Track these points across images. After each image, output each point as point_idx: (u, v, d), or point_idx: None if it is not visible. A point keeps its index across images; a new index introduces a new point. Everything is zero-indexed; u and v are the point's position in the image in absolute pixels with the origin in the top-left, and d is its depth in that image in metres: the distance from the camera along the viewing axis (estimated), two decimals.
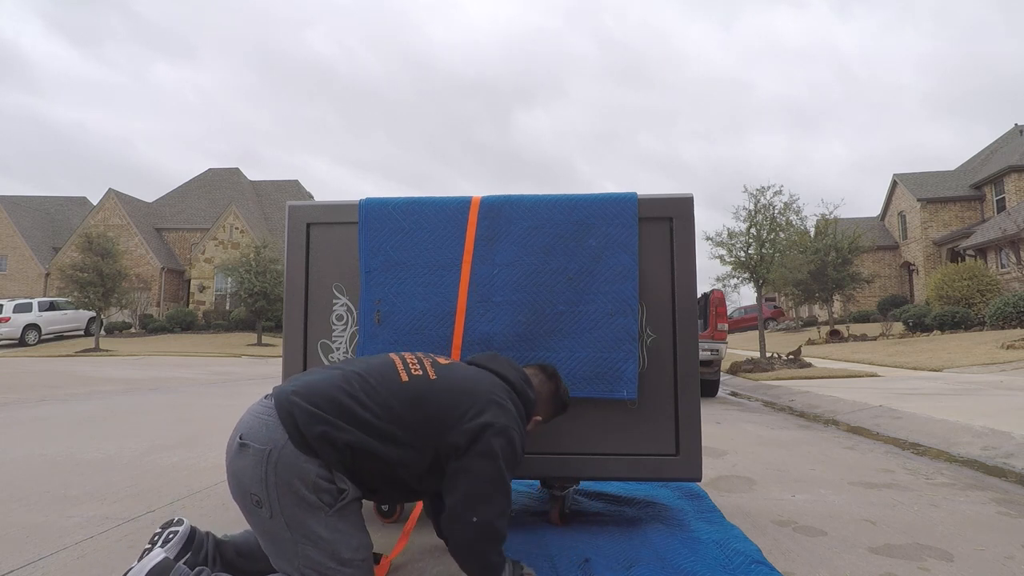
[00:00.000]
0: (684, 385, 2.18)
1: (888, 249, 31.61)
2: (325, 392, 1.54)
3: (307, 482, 1.45)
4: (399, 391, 1.58)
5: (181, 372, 11.46)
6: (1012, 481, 3.13)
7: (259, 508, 1.45)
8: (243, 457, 1.47)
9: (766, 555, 1.98)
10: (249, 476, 1.45)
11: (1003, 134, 31.31)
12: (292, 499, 1.44)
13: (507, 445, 1.59)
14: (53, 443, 4.06)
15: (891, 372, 10.11)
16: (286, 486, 1.44)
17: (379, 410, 1.53)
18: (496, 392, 1.68)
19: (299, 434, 1.46)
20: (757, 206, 12.82)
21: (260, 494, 1.44)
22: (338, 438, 1.48)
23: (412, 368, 1.65)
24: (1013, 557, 2.02)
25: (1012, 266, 19.25)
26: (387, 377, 1.61)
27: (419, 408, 1.57)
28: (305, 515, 1.45)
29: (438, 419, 1.57)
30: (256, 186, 39.18)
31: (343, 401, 1.52)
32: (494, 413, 1.60)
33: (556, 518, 2.28)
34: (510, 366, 1.83)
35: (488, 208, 2.27)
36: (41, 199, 38.73)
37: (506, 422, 1.62)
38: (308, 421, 1.47)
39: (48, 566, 1.89)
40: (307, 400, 1.51)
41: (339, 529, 1.48)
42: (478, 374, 1.74)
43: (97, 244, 21.67)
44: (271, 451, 1.45)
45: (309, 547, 1.45)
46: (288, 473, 1.44)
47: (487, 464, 1.56)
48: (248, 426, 1.50)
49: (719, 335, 7.26)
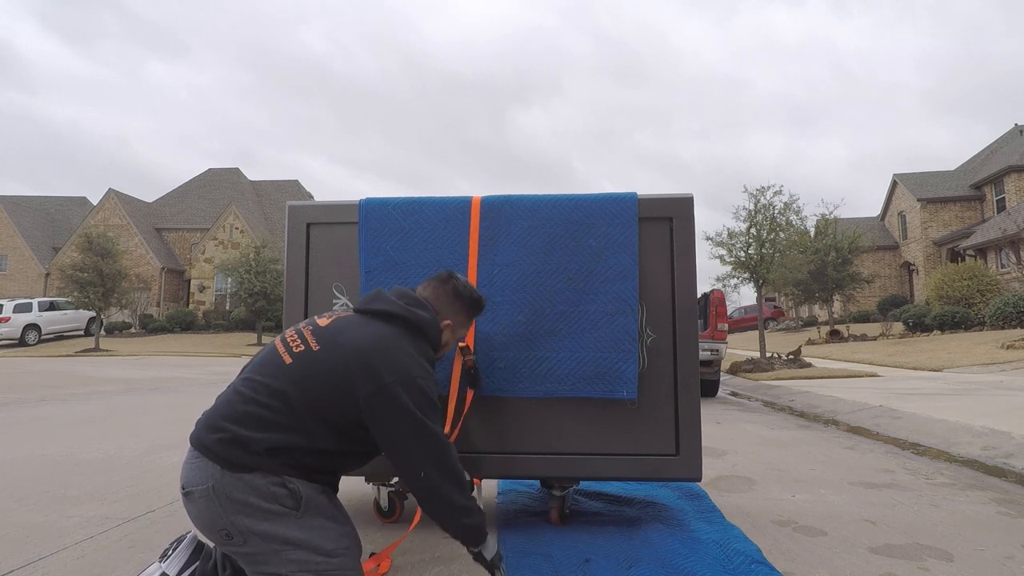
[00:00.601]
0: (684, 385, 2.18)
1: (888, 249, 31.61)
2: (223, 412, 1.51)
3: (262, 494, 1.44)
4: (286, 375, 1.53)
5: (181, 372, 11.46)
6: (1012, 481, 3.13)
7: (231, 540, 1.45)
8: (194, 503, 1.46)
9: (766, 555, 1.98)
10: (208, 516, 1.45)
11: (1003, 134, 31.30)
12: (256, 516, 1.43)
13: (415, 394, 1.52)
14: (53, 443, 4.06)
15: (891, 372, 10.11)
16: (244, 507, 1.43)
17: (277, 404, 1.50)
18: (383, 340, 1.59)
19: (225, 460, 1.45)
20: (757, 206, 12.81)
21: (225, 527, 1.44)
22: (258, 446, 1.45)
23: (294, 346, 1.58)
24: (1013, 557, 2.02)
25: (1012, 266, 19.25)
26: (272, 365, 1.56)
27: (312, 387, 1.51)
28: (275, 526, 1.44)
29: (336, 391, 1.51)
30: (256, 186, 39.18)
31: (242, 410, 1.49)
32: (388, 367, 1.52)
33: (556, 518, 2.28)
34: (394, 297, 1.72)
35: (488, 208, 2.27)
36: (41, 199, 38.73)
37: (403, 370, 1.53)
38: (222, 447, 1.46)
39: (48, 566, 1.89)
40: (212, 428, 1.49)
41: (313, 527, 1.47)
42: (360, 325, 1.63)
43: (97, 244, 21.67)
44: (213, 485, 1.43)
45: (291, 551, 1.44)
46: (240, 494, 1.43)
47: (403, 421, 1.51)
48: (186, 476, 1.49)
49: (719, 335, 7.26)
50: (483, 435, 2.17)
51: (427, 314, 1.72)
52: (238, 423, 1.47)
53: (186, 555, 1.53)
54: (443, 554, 1.98)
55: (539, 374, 2.15)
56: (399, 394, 1.50)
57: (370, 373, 1.51)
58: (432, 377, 1.63)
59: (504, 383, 2.16)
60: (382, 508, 2.35)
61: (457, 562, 1.92)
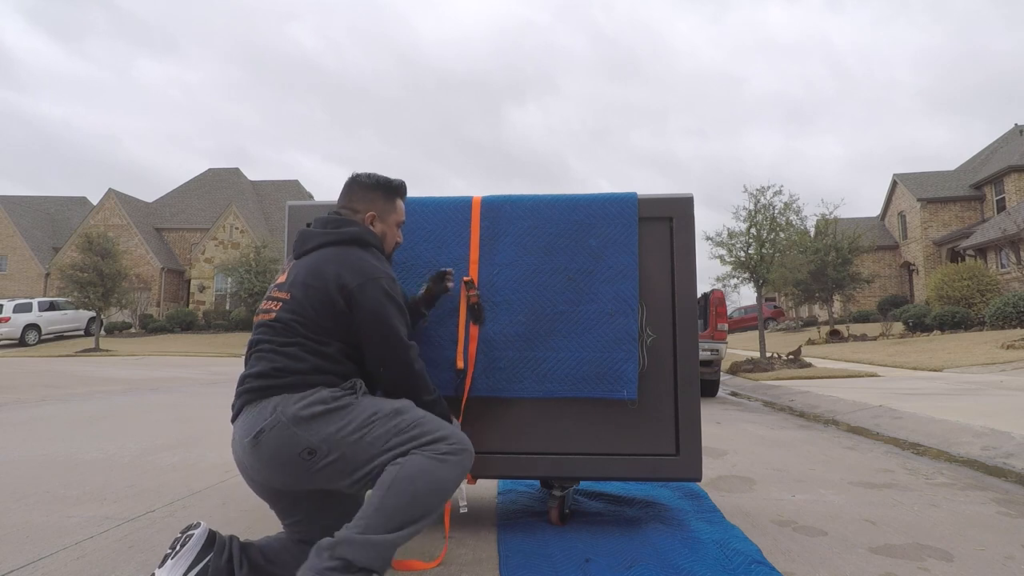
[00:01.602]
0: (684, 385, 2.18)
1: (888, 249, 31.61)
2: (259, 371, 1.60)
3: (325, 400, 1.54)
4: (281, 323, 1.63)
5: (181, 372, 11.46)
6: (1012, 481, 3.13)
7: (315, 456, 1.50)
8: (265, 443, 1.50)
9: (766, 555, 1.98)
10: (287, 447, 1.49)
11: (1003, 134, 31.30)
12: (330, 419, 1.52)
13: (377, 293, 1.64)
14: (53, 443, 4.06)
15: (891, 372, 10.11)
16: (316, 417, 1.51)
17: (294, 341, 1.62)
18: (336, 258, 1.69)
19: (284, 388, 1.55)
20: (757, 206, 12.81)
21: (307, 445, 1.49)
22: (305, 368, 1.58)
23: (273, 307, 1.68)
24: (1013, 557, 2.02)
25: (1012, 266, 19.25)
26: (266, 328, 1.66)
27: (307, 320, 1.62)
28: (348, 415, 1.54)
29: (327, 311, 1.63)
30: (256, 186, 39.19)
31: (274, 364, 1.59)
32: (350, 275, 1.64)
33: (556, 518, 2.28)
34: (319, 228, 1.80)
35: (488, 208, 2.27)
36: (41, 199, 38.73)
37: (363, 273, 1.65)
38: (276, 381, 1.56)
39: (48, 566, 1.89)
40: (256, 380, 1.58)
41: (375, 402, 1.60)
42: (311, 261, 1.71)
43: (97, 244, 21.67)
44: (282, 412, 1.51)
45: (372, 428, 1.53)
46: (310, 408, 1.52)
47: (368, 323, 1.63)
48: (248, 424, 1.54)
49: (719, 335, 7.26)
50: (483, 435, 2.17)
51: (354, 228, 1.78)
52: (276, 361, 1.58)
53: (194, 552, 1.49)
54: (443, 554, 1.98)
55: (539, 374, 2.15)
56: (363, 295, 1.63)
57: (340, 285, 1.63)
58: (391, 277, 1.73)
59: (504, 383, 2.16)
60: None
61: (457, 562, 1.92)
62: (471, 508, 2.54)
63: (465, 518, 2.38)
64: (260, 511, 2.46)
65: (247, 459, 1.55)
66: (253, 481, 1.60)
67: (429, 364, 2.15)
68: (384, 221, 1.90)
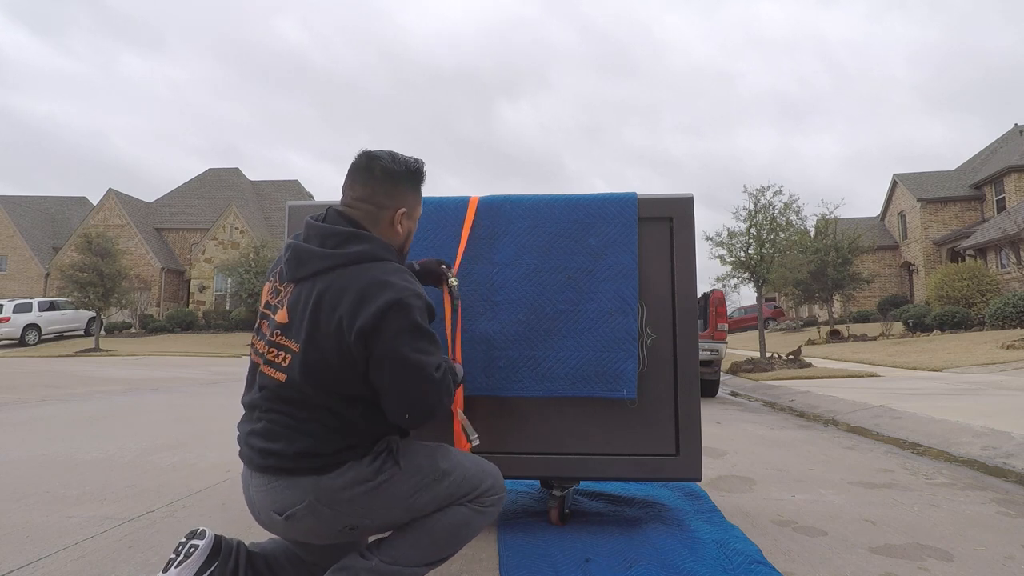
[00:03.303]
0: (684, 385, 2.18)
1: (888, 249, 31.61)
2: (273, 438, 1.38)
3: (364, 478, 1.37)
4: (292, 388, 1.37)
5: (181, 372, 11.46)
6: (1012, 481, 3.13)
7: (356, 528, 1.40)
8: (299, 522, 1.36)
9: (766, 555, 1.98)
10: (324, 527, 1.38)
11: (1003, 134, 31.31)
12: (371, 496, 1.37)
13: (406, 323, 1.33)
14: (53, 443, 4.05)
15: (891, 372, 10.11)
16: (355, 499, 1.36)
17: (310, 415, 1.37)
18: (341, 289, 1.36)
19: (312, 469, 1.35)
20: (757, 206, 12.82)
21: (347, 524, 1.38)
22: (329, 450, 1.36)
23: (280, 361, 1.40)
24: (1013, 557, 2.02)
25: (1012, 266, 19.24)
26: (271, 389, 1.41)
27: (323, 383, 1.36)
28: (390, 490, 1.39)
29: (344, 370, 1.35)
30: (256, 186, 39.20)
31: (289, 439, 1.36)
32: (361, 315, 1.32)
33: (556, 518, 2.28)
34: (317, 247, 1.42)
35: (487, 207, 2.27)
36: (41, 199, 38.74)
37: (379, 304, 1.32)
38: (301, 462, 1.35)
39: (48, 566, 1.89)
40: (273, 454, 1.36)
41: (420, 466, 1.44)
42: (311, 294, 1.38)
43: (97, 244, 21.67)
44: (316, 497, 1.34)
45: (417, 498, 1.41)
46: (346, 491, 1.36)
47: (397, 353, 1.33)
48: (275, 501, 1.36)
49: (719, 335, 7.26)
50: (483, 435, 2.16)
51: (367, 245, 1.43)
52: (298, 441, 1.36)
53: (200, 561, 1.40)
54: None
55: (539, 373, 2.15)
56: (383, 332, 1.32)
57: (356, 330, 1.32)
58: (416, 293, 1.39)
59: (504, 382, 2.15)
60: None
61: (457, 562, 1.92)
62: None
63: None
64: None
65: (268, 522, 1.41)
66: (269, 530, 1.44)
67: None
68: (411, 217, 1.56)
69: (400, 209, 1.51)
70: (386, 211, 1.50)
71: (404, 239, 1.56)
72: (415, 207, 1.58)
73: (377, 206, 1.49)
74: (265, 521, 1.42)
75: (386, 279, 1.37)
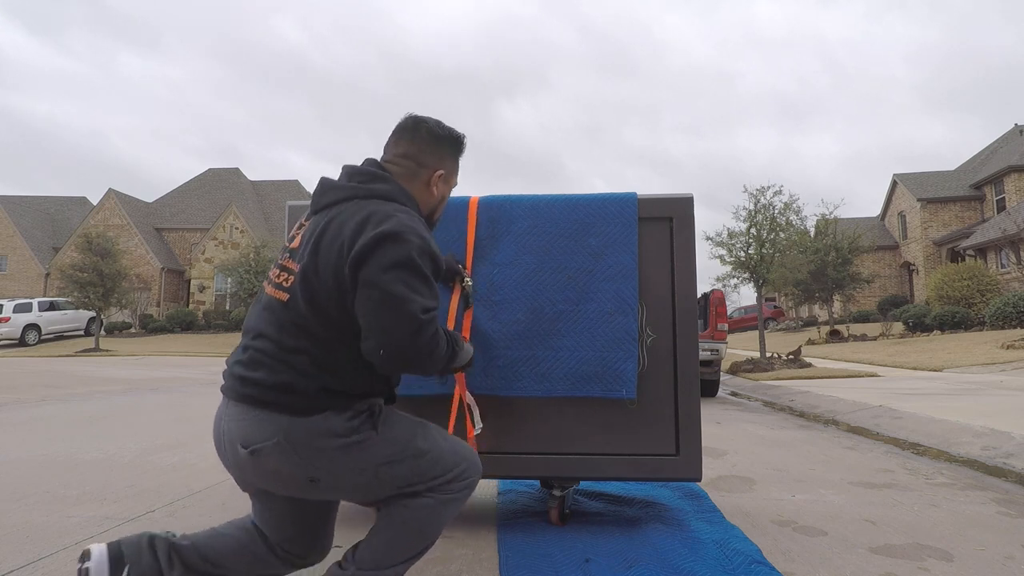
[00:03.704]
0: (684, 385, 2.18)
1: (888, 249, 31.60)
2: (258, 364, 1.36)
3: (340, 431, 1.34)
4: (293, 310, 1.37)
5: (181, 372, 11.46)
6: (1012, 481, 3.13)
7: (318, 483, 1.36)
8: (263, 460, 1.33)
9: (766, 555, 1.98)
10: (286, 470, 1.34)
11: (1003, 134, 31.31)
12: (340, 453, 1.34)
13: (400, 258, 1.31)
14: (53, 443, 4.05)
15: (891, 372, 10.11)
16: (324, 450, 1.33)
17: (305, 343, 1.35)
18: (352, 213, 1.37)
19: (289, 407, 1.32)
20: (757, 206, 12.82)
21: (310, 475, 1.34)
22: (312, 388, 1.33)
23: (283, 282, 1.40)
24: (1013, 557, 2.02)
25: (1012, 266, 19.25)
26: (275, 310, 1.39)
27: (319, 308, 1.35)
28: (361, 453, 1.37)
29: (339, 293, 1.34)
30: (256, 186, 39.20)
31: (277, 361, 1.35)
32: (362, 234, 1.32)
33: (556, 518, 2.28)
34: (345, 180, 1.47)
35: (487, 207, 2.27)
36: (41, 199, 38.75)
37: (380, 230, 1.31)
38: (279, 396, 1.32)
39: (48, 566, 1.89)
40: (252, 383, 1.35)
41: (397, 437, 1.42)
42: (328, 222, 1.40)
43: (97, 244, 21.67)
44: (285, 436, 1.31)
45: (388, 470, 1.38)
46: (318, 439, 1.33)
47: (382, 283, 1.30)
48: (244, 433, 1.34)
49: (719, 335, 7.26)
50: (483, 435, 2.17)
51: (388, 185, 1.46)
52: (281, 373, 1.34)
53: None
54: (443, 554, 1.98)
55: (539, 373, 2.15)
56: (374, 259, 1.31)
57: (352, 251, 1.32)
58: (425, 240, 1.37)
59: (503, 382, 2.15)
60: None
61: (457, 562, 1.92)
62: (471, 508, 2.54)
63: (465, 518, 2.38)
64: None
65: (232, 459, 1.38)
66: (230, 469, 1.42)
67: None
68: (447, 183, 1.60)
69: (438, 171, 1.55)
70: (425, 170, 1.54)
71: (436, 204, 1.59)
72: (452, 174, 1.61)
73: (417, 163, 1.53)
74: (230, 457, 1.38)
75: (394, 214, 1.37)
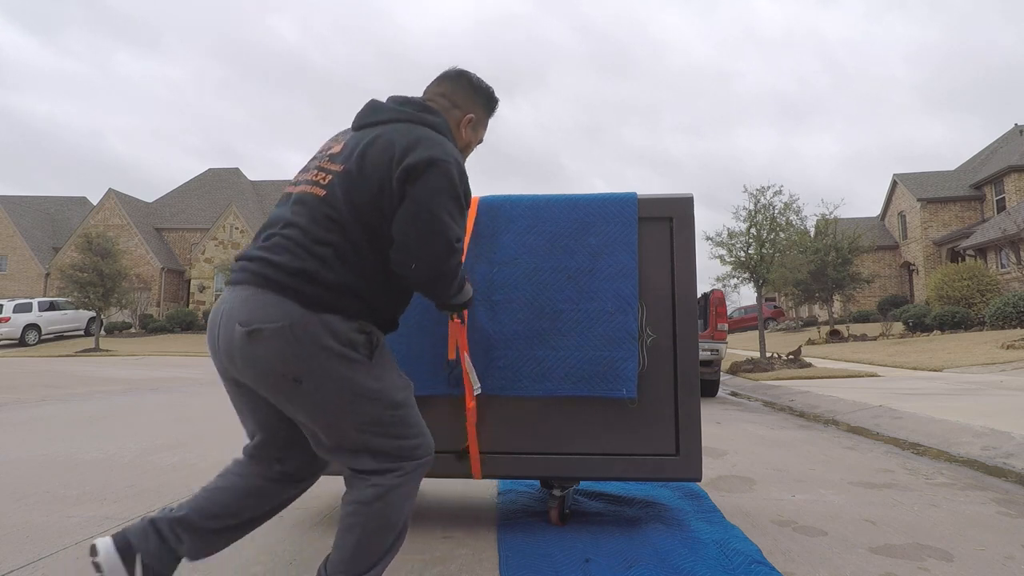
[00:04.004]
0: (684, 385, 2.18)
1: (888, 249, 31.60)
2: (283, 248, 1.40)
3: (340, 338, 1.36)
4: (328, 204, 1.42)
5: (181, 372, 11.46)
6: (1012, 481, 3.13)
7: (300, 384, 1.35)
8: (261, 344, 1.32)
9: (766, 555, 1.98)
10: (279, 358, 1.33)
11: (1003, 134, 31.31)
12: (333, 360, 1.35)
13: (443, 179, 1.42)
14: (53, 443, 4.05)
15: (891, 372, 10.11)
16: (323, 349, 1.34)
17: (335, 237, 1.40)
18: (403, 134, 1.46)
19: (303, 296, 1.35)
20: (757, 206, 12.82)
21: (299, 371, 1.34)
22: (333, 282, 1.37)
23: (321, 179, 1.47)
24: (1013, 557, 2.02)
25: (1012, 266, 19.25)
26: (308, 204, 1.45)
27: (357, 205, 1.41)
28: (351, 372, 1.38)
29: (379, 198, 1.41)
30: (256, 186, 39.21)
31: (303, 249, 1.39)
32: (416, 152, 1.42)
33: (556, 518, 2.28)
34: (396, 105, 1.56)
35: (487, 207, 2.27)
36: (41, 199, 38.75)
37: (429, 154, 1.41)
38: (297, 283, 1.35)
39: (48, 566, 1.89)
40: (275, 266, 1.38)
41: (384, 376, 1.44)
42: (376, 135, 1.48)
43: (97, 244, 21.67)
44: (291, 324, 1.32)
45: (363, 403, 1.39)
46: (320, 336, 1.34)
47: (410, 207, 1.40)
48: (248, 312, 1.35)
49: (719, 335, 7.26)
50: (483, 435, 2.17)
51: (437, 118, 1.56)
52: (305, 260, 1.37)
53: (121, 569, 1.36)
54: (443, 554, 1.98)
55: (539, 373, 2.15)
56: (424, 176, 1.40)
57: (405, 164, 1.40)
58: (464, 171, 1.50)
59: (504, 382, 2.15)
60: None
61: (457, 562, 1.92)
62: (471, 508, 2.54)
63: (465, 518, 2.38)
64: None
65: (223, 341, 1.38)
66: (217, 356, 1.42)
67: (420, 358, 2.15)
68: (475, 131, 1.70)
69: (469, 115, 1.67)
70: (458, 111, 1.66)
71: (462, 148, 1.67)
72: (479, 126, 1.73)
73: (452, 103, 1.66)
74: (222, 340, 1.38)
75: (445, 144, 1.48)
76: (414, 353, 2.17)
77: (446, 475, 2.20)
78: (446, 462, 2.14)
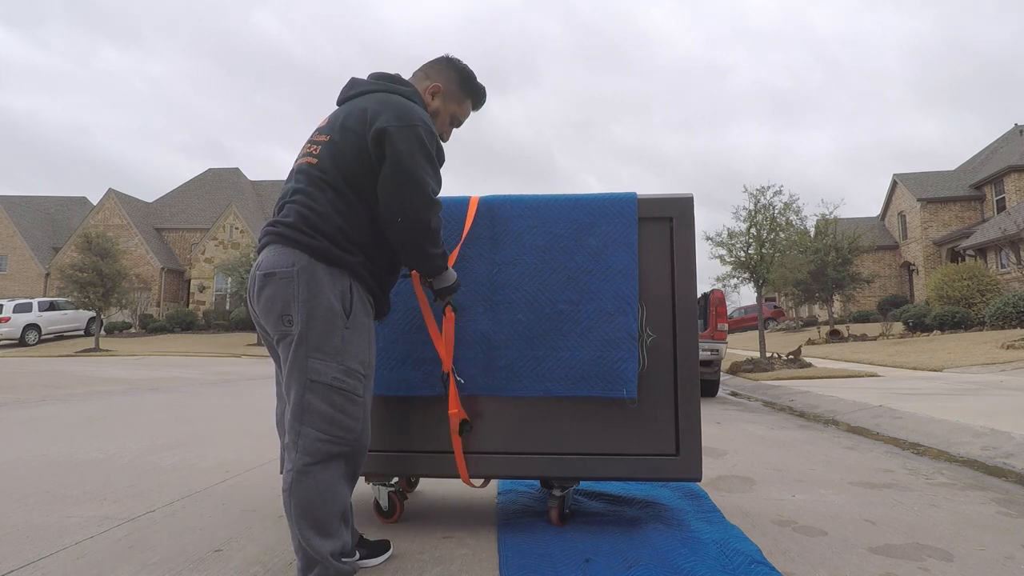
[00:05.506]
0: (684, 385, 2.18)
1: (888, 249, 31.61)
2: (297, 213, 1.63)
3: (335, 288, 1.59)
4: (319, 168, 1.66)
5: (181, 372, 11.46)
6: (1012, 481, 3.13)
7: (289, 327, 1.57)
8: (269, 286, 1.58)
9: (766, 555, 1.98)
10: (280, 298, 1.57)
11: (1003, 134, 31.32)
12: (320, 308, 1.56)
13: (409, 139, 1.62)
14: (53, 443, 4.05)
15: (891, 372, 10.11)
16: (318, 294, 1.56)
17: (332, 195, 1.63)
18: (379, 100, 1.69)
19: (314, 250, 1.58)
20: (757, 206, 12.82)
21: (291, 312, 1.56)
22: (338, 237, 1.60)
23: (312, 150, 1.70)
24: (1013, 557, 2.02)
25: (1012, 266, 19.25)
26: (305, 173, 1.68)
27: (344, 164, 1.64)
28: (325, 324, 1.57)
29: (361, 159, 1.64)
30: (256, 186, 39.23)
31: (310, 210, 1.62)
32: (388, 115, 1.64)
33: (556, 518, 2.28)
34: (371, 80, 1.82)
35: (487, 207, 2.27)
36: (41, 199, 38.75)
37: (402, 117, 1.64)
38: (309, 238, 1.58)
39: (48, 566, 1.89)
40: (293, 227, 1.61)
41: (351, 341, 1.61)
42: (354, 106, 1.73)
43: (96, 244, 21.67)
44: (299, 269, 1.57)
45: (318, 358, 1.56)
46: (321, 281, 1.57)
47: (391, 165, 1.61)
48: (267, 261, 1.61)
49: (719, 335, 7.26)
50: (483, 435, 2.17)
51: (407, 88, 1.80)
52: (307, 214, 1.61)
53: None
54: (443, 554, 1.98)
55: (539, 373, 2.15)
56: (396, 137, 1.61)
57: (376, 129, 1.62)
58: (432, 131, 1.70)
59: (504, 382, 2.16)
60: (382, 508, 2.34)
61: (457, 562, 1.92)
62: (471, 508, 2.54)
63: (465, 518, 2.38)
64: (260, 511, 2.46)
65: (253, 292, 1.64)
66: (252, 309, 1.68)
67: (421, 358, 2.15)
68: (444, 100, 1.90)
69: (436, 83, 1.88)
70: (428, 81, 1.89)
71: (432, 115, 1.85)
72: (452, 97, 1.91)
73: (425, 75, 1.90)
74: (254, 292, 1.63)
75: (414, 108, 1.70)
76: (414, 354, 2.17)
77: (446, 475, 2.20)
78: (446, 462, 2.14)
